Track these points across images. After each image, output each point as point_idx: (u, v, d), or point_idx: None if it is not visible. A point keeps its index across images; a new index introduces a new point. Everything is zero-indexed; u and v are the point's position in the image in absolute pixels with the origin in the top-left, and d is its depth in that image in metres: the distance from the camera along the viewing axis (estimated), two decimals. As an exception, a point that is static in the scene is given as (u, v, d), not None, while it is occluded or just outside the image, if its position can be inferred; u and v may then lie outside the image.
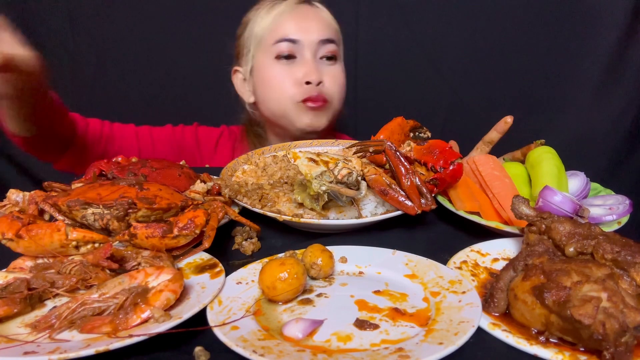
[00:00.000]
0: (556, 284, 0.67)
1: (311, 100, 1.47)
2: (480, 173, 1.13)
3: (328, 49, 1.51)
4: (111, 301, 0.72)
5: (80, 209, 0.88)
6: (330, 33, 1.52)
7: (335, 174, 0.93)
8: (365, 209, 1.00)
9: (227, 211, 0.95)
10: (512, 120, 1.30)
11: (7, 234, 0.81)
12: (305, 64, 1.47)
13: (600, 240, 0.77)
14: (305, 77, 1.46)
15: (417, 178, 0.98)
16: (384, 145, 1.02)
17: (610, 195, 1.10)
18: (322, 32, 1.50)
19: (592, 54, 2.26)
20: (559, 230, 0.82)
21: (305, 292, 0.79)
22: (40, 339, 0.66)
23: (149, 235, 0.84)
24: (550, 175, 1.09)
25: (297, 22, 1.51)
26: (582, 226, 0.82)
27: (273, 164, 1.16)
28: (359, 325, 0.70)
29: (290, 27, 1.50)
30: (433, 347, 0.62)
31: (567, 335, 0.66)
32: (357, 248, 0.92)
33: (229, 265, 0.87)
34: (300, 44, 1.48)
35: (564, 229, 0.82)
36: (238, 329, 0.67)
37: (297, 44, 1.48)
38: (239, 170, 1.19)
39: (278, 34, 1.50)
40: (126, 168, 1.10)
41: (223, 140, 1.72)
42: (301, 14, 1.53)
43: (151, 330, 0.65)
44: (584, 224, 0.83)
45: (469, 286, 0.77)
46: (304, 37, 1.48)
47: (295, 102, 1.48)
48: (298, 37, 1.48)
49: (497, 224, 0.98)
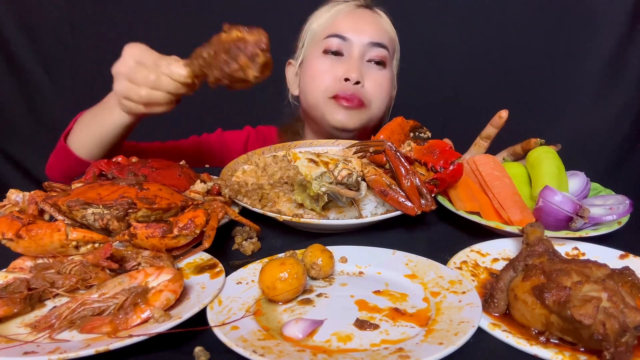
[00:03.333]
0: (556, 284, 0.67)
1: (344, 98, 1.44)
2: (480, 173, 1.13)
3: (377, 53, 1.48)
4: (111, 301, 0.72)
5: (80, 209, 0.88)
6: (382, 38, 1.51)
7: (335, 174, 0.93)
8: (365, 209, 1.00)
9: (227, 211, 0.95)
10: (506, 114, 1.30)
11: (7, 234, 0.81)
12: (349, 62, 1.46)
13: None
14: (345, 73, 1.44)
15: (417, 178, 0.98)
16: (384, 146, 1.02)
17: (610, 195, 1.10)
18: (374, 35, 1.49)
19: (592, 54, 2.26)
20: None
21: (305, 292, 0.79)
22: (40, 339, 0.66)
23: (149, 235, 0.84)
24: (550, 175, 1.09)
25: (351, 21, 1.51)
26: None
27: (273, 164, 1.16)
28: (359, 325, 0.70)
29: (343, 24, 1.50)
30: (433, 347, 0.62)
31: (568, 336, 0.66)
32: (357, 248, 0.92)
33: (229, 265, 0.87)
34: (350, 42, 1.47)
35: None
36: (238, 329, 0.67)
37: (346, 41, 1.47)
38: (239, 170, 1.19)
39: (330, 29, 1.50)
40: (126, 168, 1.10)
41: (251, 141, 1.71)
42: (358, 15, 1.54)
43: (151, 330, 0.65)
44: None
45: (469, 286, 0.77)
46: (354, 37, 1.47)
47: (327, 97, 1.46)
48: (348, 35, 1.47)
49: (497, 224, 0.98)
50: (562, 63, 2.28)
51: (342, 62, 1.47)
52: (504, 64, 2.29)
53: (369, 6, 1.58)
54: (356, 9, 1.55)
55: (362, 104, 1.46)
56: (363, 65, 1.48)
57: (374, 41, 1.48)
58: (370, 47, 1.48)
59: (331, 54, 1.49)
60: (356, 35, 1.47)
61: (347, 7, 1.55)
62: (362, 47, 1.47)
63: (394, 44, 1.58)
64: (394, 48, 1.59)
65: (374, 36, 1.49)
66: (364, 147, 1.06)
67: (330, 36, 1.49)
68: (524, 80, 2.30)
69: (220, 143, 1.68)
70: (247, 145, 1.70)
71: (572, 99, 2.32)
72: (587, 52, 2.25)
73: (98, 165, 1.10)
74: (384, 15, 1.58)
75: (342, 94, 1.44)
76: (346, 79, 1.43)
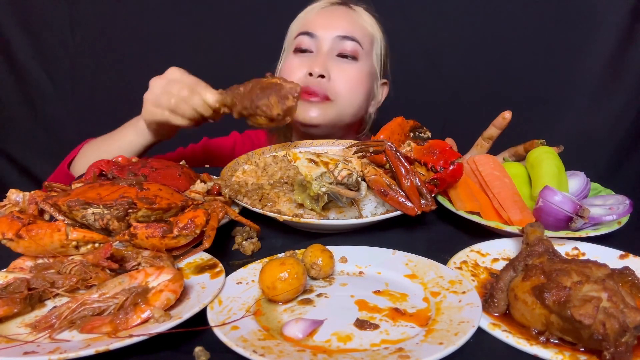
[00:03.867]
0: (556, 284, 0.67)
1: (307, 92, 1.42)
2: (480, 173, 1.13)
3: (346, 46, 1.46)
4: (111, 301, 0.72)
5: (80, 209, 0.88)
6: (353, 31, 1.48)
7: (335, 175, 0.93)
8: (365, 209, 1.00)
9: (227, 211, 0.95)
10: (510, 115, 1.29)
11: (7, 234, 0.81)
12: (316, 57, 1.45)
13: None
14: (309, 68, 1.43)
15: (417, 179, 0.98)
16: (384, 146, 1.02)
17: (610, 195, 1.10)
18: (344, 29, 1.47)
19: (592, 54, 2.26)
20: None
21: (306, 292, 0.79)
22: (40, 339, 0.66)
23: (149, 235, 0.84)
24: (550, 175, 1.09)
25: (321, 18, 1.50)
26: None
27: (273, 164, 1.16)
28: (359, 325, 0.70)
29: (314, 22, 1.50)
30: (433, 347, 0.62)
31: (568, 336, 0.66)
32: (357, 248, 0.92)
33: (229, 265, 0.87)
34: (318, 39, 1.47)
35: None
36: (238, 329, 0.67)
37: (314, 38, 1.47)
38: (239, 170, 1.19)
39: (300, 28, 1.51)
40: (126, 168, 1.10)
41: (238, 147, 1.70)
42: (329, 11, 1.53)
43: (151, 330, 0.65)
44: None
45: (469, 286, 0.77)
46: (323, 32, 1.46)
47: None
48: (317, 32, 1.47)
49: (497, 224, 0.98)
50: (562, 63, 2.27)
51: (310, 58, 1.47)
52: (504, 64, 2.29)
53: (345, 2, 1.57)
54: (330, 7, 1.54)
55: (327, 97, 1.43)
56: (331, 59, 1.46)
57: (343, 34, 1.46)
58: (339, 41, 1.46)
59: (300, 52, 1.48)
60: (325, 31, 1.47)
61: (321, 5, 1.54)
62: (330, 41, 1.46)
63: (370, 38, 1.54)
64: (371, 42, 1.55)
65: (343, 30, 1.47)
66: (364, 147, 1.06)
67: (300, 34, 1.49)
68: (524, 80, 2.30)
69: (206, 153, 1.66)
70: (235, 151, 1.69)
71: (572, 99, 2.32)
72: (587, 52, 2.25)
73: (98, 165, 1.10)
74: (360, 10, 1.56)
75: (305, 88, 1.42)
76: (310, 73, 1.42)
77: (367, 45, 1.52)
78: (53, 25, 2.30)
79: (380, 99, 1.66)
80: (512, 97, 2.27)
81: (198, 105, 1.19)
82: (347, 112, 1.50)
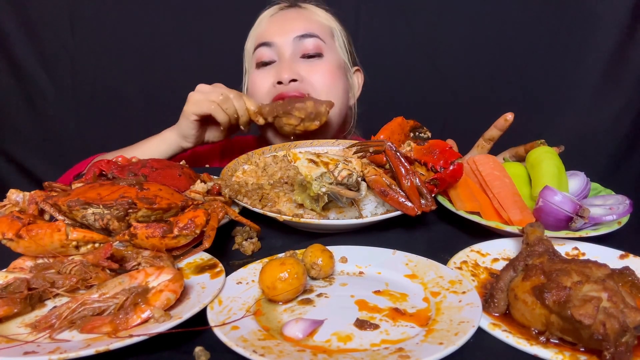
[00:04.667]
0: (556, 284, 0.67)
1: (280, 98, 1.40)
2: (480, 173, 1.13)
3: (308, 44, 1.43)
4: (111, 301, 0.72)
5: (80, 209, 0.88)
6: (310, 28, 1.45)
7: (335, 175, 0.93)
8: (365, 209, 1.00)
9: (227, 211, 0.95)
10: (512, 117, 1.29)
11: (7, 234, 0.81)
12: (280, 65, 1.43)
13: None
14: (277, 77, 1.41)
15: (417, 179, 0.98)
16: (384, 146, 1.02)
17: (610, 195, 1.10)
18: (300, 28, 1.44)
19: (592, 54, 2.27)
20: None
21: (306, 292, 0.79)
22: (40, 339, 0.66)
23: (149, 235, 0.84)
24: (550, 175, 1.09)
25: (274, 25, 1.47)
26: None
27: (273, 164, 1.16)
28: (359, 325, 0.70)
29: (267, 31, 1.47)
30: (433, 347, 0.62)
31: (568, 336, 0.66)
32: (357, 248, 0.92)
33: (229, 265, 0.87)
34: (276, 46, 1.44)
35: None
36: (238, 329, 0.67)
37: (273, 46, 1.44)
38: (239, 170, 1.19)
39: (256, 40, 1.48)
40: (126, 168, 1.10)
41: (227, 153, 1.68)
42: (280, 17, 1.50)
43: (151, 330, 0.65)
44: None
45: (469, 286, 0.77)
46: (279, 39, 1.44)
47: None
48: (273, 40, 1.44)
49: (497, 224, 0.98)
50: (562, 63, 2.28)
51: (273, 68, 1.45)
52: (504, 64, 2.29)
53: (293, 4, 1.54)
54: (279, 12, 1.51)
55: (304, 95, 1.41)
56: (296, 62, 1.43)
57: (301, 34, 1.43)
58: (299, 41, 1.43)
59: (263, 66, 1.46)
60: (281, 37, 1.44)
61: (270, 12, 1.51)
62: (290, 45, 1.43)
63: (329, 31, 1.51)
64: (331, 34, 1.52)
65: (300, 29, 1.44)
66: (364, 147, 1.06)
67: (257, 46, 1.47)
68: (524, 80, 2.30)
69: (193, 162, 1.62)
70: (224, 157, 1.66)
71: (572, 99, 2.32)
72: (586, 52, 2.25)
73: (98, 165, 1.10)
74: (311, 6, 1.53)
75: (279, 95, 1.41)
76: (279, 82, 1.41)
77: (328, 38, 1.49)
78: (53, 25, 2.30)
79: (358, 88, 1.63)
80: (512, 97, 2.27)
81: (240, 107, 1.35)
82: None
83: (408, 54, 2.28)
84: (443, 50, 2.31)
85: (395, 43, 2.27)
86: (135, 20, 2.31)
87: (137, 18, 2.31)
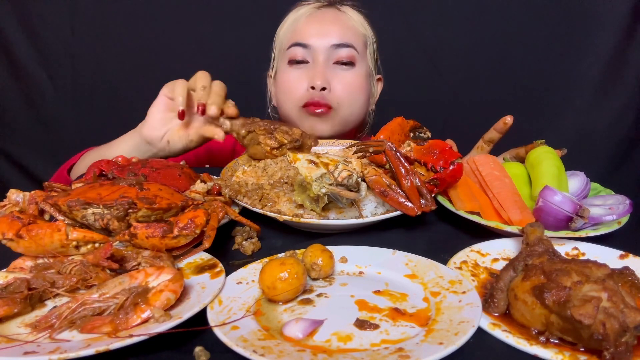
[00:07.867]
0: (556, 284, 0.67)
1: (312, 105, 1.42)
2: (480, 173, 1.13)
3: (342, 54, 1.45)
4: (111, 301, 0.72)
5: (80, 209, 0.88)
6: (347, 37, 1.46)
7: (335, 176, 0.93)
8: (365, 210, 1.00)
9: (227, 211, 0.95)
10: (511, 120, 1.29)
11: (7, 234, 0.81)
12: (314, 69, 1.44)
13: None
14: (310, 82, 1.42)
15: (417, 179, 0.98)
16: (384, 146, 1.02)
17: (610, 195, 1.10)
18: (338, 36, 1.45)
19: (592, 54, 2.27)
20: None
21: (306, 292, 0.79)
22: (40, 339, 0.66)
23: (149, 235, 0.84)
24: (550, 175, 1.09)
25: (312, 27, 1.47)
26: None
27: (273, 164, 1.16)
28: (359, 325, 0.70)
29: (305, 31, 1.47)
30: (433, 347, 0.62)
31: (568, 335, 0.66)
32: (357, 248, 0.92)
33: (229, 265, 0.87)
34: (312, 49, 1.44)
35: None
36: (238, 329, 0.67)
37: (308, 49, 1.45)
38: (239, 170, 1.19)
39: (293, 38, 1.48)
40: (126, 168, 1.10)
41: (238, 147, 1.68)
42: (318, 17, 1.50)
43: (151, 330, 0.65)
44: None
45: (469, 286, 0.77)
46: (317, 42, 1.44)
47: (299, 107, 1.45)
48: (310, 42, 1.44)
49: (497, 224, 0.98)
50: (562, 63, 2.28)
51: (307, 69, 1.45)
52: (503, 64, 2.29)
53: (333, 3, 1.54)
54: (318, 11, 1.51)
55: (330, 107, 1.44)
56: (329, 69, 1.44)
57: (338, 42, 1.44)
58: (335, 49, 1.44)
59: (296, 64, 1.46)
60: (318, 40, 1.44)
61: (309, 10, 1.51)
62: (325, 51, 1.44)
63: (364, 39, 1.53)
64: (365, 43, 1.53)
65: (338, 37, 1.45)
66: (363, 148, 1.06)
67: (292, 45, 1.47)
68: (524, 80, 2.30)
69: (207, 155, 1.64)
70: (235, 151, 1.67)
71: (572, 99, 2.32)
72: (587, 52, 2.26)
73: (98, 165, 1.10)
74: (350, 10, 1.54)
75: (311, 101, 1.42)
76: (312, 87, 1.42)
77: (361, 47, 1.51)
78: (53, 25, 2.30)
79: (377, 95, 1.66)
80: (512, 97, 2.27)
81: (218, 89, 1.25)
82: (351, 118, 1.51)
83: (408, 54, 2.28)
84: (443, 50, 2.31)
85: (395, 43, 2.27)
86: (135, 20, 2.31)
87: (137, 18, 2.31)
